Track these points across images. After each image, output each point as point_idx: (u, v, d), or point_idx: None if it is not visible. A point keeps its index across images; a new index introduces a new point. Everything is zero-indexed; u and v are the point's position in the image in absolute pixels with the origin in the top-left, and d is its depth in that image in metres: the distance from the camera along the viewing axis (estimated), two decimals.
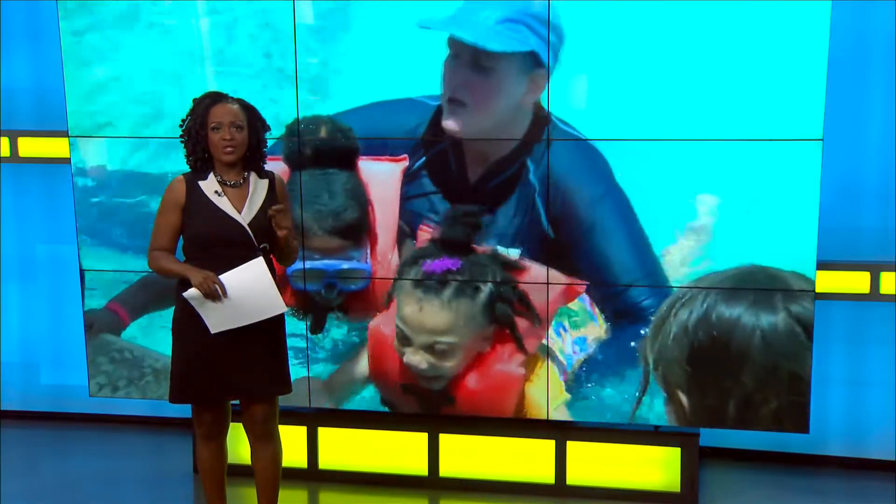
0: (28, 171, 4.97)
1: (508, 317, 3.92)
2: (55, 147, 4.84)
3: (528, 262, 3.92)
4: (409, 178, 3.96)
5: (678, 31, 3.67)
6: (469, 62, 3.81)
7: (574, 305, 3.93)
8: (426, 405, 4.08)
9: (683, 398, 3.80)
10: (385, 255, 4.02)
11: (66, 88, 4.18)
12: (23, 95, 4.92)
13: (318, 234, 4.01)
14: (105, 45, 4.11)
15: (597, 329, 3.93)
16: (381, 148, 3.96)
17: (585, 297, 3.92)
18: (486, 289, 3.91)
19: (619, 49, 3.72)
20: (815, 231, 3.68)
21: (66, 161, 4.32)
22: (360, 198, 4.00)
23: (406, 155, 3.96)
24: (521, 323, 3.93)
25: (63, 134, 4.30)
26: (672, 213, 3.77)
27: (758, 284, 3.71)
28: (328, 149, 3.99)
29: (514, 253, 3.91)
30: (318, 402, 4.20)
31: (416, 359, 3.97)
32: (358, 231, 4.02)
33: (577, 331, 3.96)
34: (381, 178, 3.98)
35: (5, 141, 4.95)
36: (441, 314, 3.92)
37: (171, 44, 4.06)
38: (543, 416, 4.00)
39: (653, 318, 3.82)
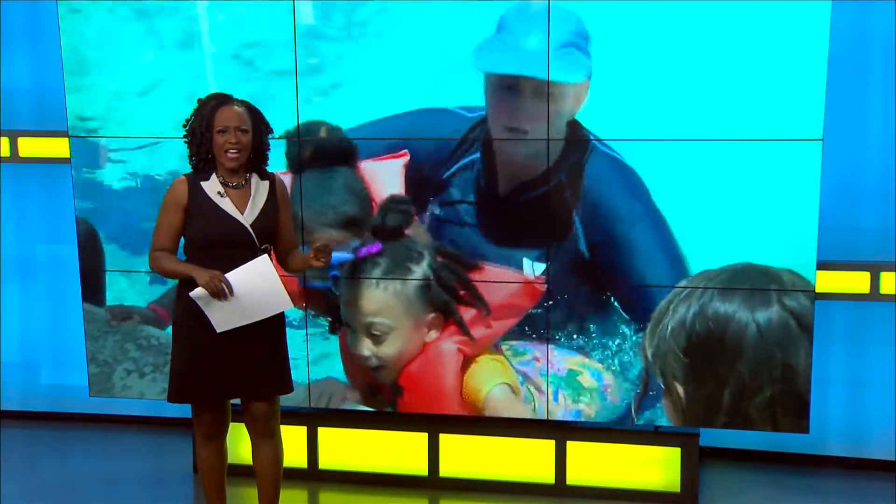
0: (28, 171, 4.98)
1: (445, 302, 3.92)
2: (55, 147, 4.84)
3: (486, 264, 3.92)
4: (439, 187, 3.96)
5: (678, 32, 3.66)
6: (530, 91, 3.79)
7: (586, 381, 3.95)
8: (382, 401, 4.09)
9: (680, 389, 3.80)
10: None
11: (66, 88, 4.18)
12: (23, 95, 4.93)
13: (317, 228, 4.01)
14: (105, 43, 4.11)
15: (594, 407, 3.97)
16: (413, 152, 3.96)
17: (600, 372, 3.93)
18: (419, 273, 3.93)
19: (618, 48, 3.72)
20: (815, 231, 3.67)
21: (66, 161, 4.32)
22: (359, 193, 4.00)
23: (406, 150, 3.95)
24: (468, 312, 3.93)
25: (63, 134, 4.30)
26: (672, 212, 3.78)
27: (751, 281, 3.71)
28: (325, 150, 3.99)
29: (539, 268, 3.90)
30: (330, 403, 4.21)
31: (358, 345, 4.00)
32: (358, 224, 4.02)
33: (576, 404, 3.98)
34: (383, 175, 3.98)
35: (5, 141, 4.95)
36: (368, 293, 3.96)
37: (172, 42, 4.06)
38: (479, 401, 3.99)
39: (652, 315, 3.82)
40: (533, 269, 3.91)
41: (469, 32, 3.80)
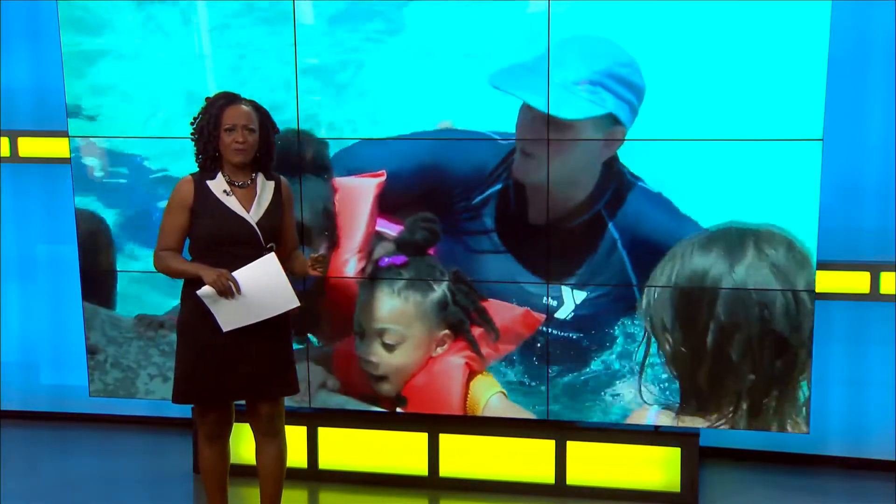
0: (28, 171, 4.98)
1: (461, 322, 3.97)
2: (55, 147, 4.84)
3: (494, 300, 3.96)
4: (470, 215, 3.95)
5: (678, 33, 3.67)
6: (544, 119, 3.79)
7: None
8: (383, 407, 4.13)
9: (669, 338, 3.81)
10: (346, 261, 4.03)
11: (65, 88, 4.18)
12: (23, 95, 4.93)
13: None
14: (105, 43, 4.11)
15: None
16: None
17: None
18: (440, 289, 3.96)
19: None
20: (815, 231, 3.68)
21: (66, 161, 4.32)
22: (322, 203, 4.00)
23: (384, 171, 3.95)
24: (476, 331, 3.99)
25: (63, 134, 4.30)
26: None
27: (729, 240, 3.72)
28: (305, 158, 4.00)
29: (579, 296, 3.92)
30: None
31: (368, 350, 4.03)
32: (308, 233, 4.01)
33: None
34: (354, 191, 3.96)
35: (5, 141, 4.95)
36: (388, 300, 4.00)
37: (172, 42, 4.06)
38: (478, 412, 4.02)
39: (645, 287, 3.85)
40: (573, 298, 3.93)
41: (511, 56, 3.80)
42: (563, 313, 3.95)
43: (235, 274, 3.17)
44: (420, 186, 3.97)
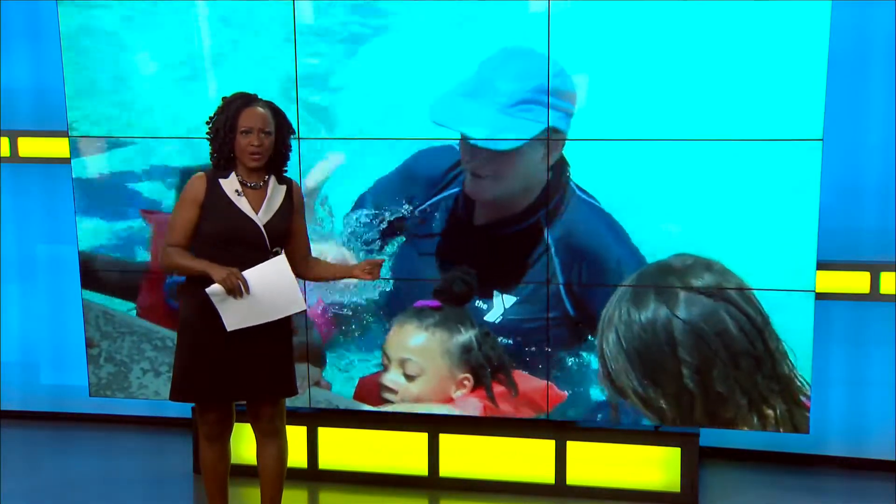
0: (28, 171, 4.98)
1: (482, 367, 4.01)
2: (55, 147, 4.84)
3: (520, 371, 4.01)
4: (420, 218, 4.00)
5: (678, 32, 3.67)
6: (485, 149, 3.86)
7: None
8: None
9: (643, 397, 3.83)
10: None
11: (65, 88, 4.18)
12: (23, 95, 4.93)
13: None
14: (105, 44, 4.12)
15: None
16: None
17: None
18: (469, 334, 4.01)
19: (616, 47, 3.72)
20: (815, 231, 3.68)
21: (66, 161, 4.32)
22: None
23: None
24: (497, 388, 4.02)
25: (63, 134, 4.30)
26: (671, 214, 3.78)
27: (655, 279, 3.78)
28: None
29: (508, 300, 3.97)
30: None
31: (390, 377, 4.07)
32: None
33: None
34: None
35: (5, 141, 4.95)
36: (416, 333, 4.05)
37: (172, 43, 4.07)
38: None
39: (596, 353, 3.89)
40: (503, 301, 3.98)
41: (454, 70, 3.84)
42: (493, 316, 4.00)
43: (245, 273, 3.17)
44: (397, 185, 4.01)
